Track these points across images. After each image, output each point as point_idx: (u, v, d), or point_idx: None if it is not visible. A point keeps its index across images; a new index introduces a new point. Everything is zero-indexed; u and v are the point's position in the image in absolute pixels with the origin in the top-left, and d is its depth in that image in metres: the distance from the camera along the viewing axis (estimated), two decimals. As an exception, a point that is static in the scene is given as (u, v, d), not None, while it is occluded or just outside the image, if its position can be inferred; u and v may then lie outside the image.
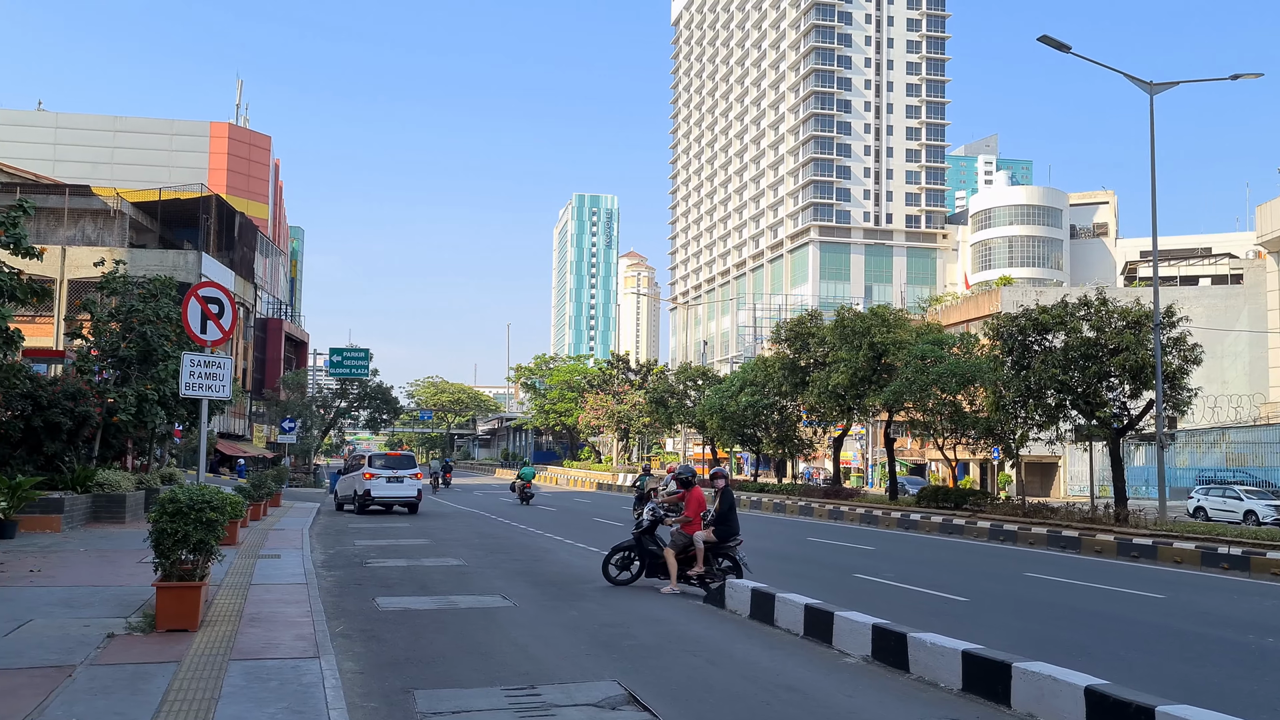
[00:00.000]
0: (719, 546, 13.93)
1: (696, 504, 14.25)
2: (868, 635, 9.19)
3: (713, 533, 13.99)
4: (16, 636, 8.82)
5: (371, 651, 9.39)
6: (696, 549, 13.90)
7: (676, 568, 13.83)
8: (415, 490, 31.37)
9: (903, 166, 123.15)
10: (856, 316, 37.53)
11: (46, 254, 44.27)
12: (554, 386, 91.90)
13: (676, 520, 14.24)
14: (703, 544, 13.87)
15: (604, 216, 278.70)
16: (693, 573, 13.88)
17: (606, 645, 9.89)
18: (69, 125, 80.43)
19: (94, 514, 21.04)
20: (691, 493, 14.42)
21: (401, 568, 16.24)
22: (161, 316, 24.26)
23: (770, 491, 45.30)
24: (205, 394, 12.70)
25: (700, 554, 13.90)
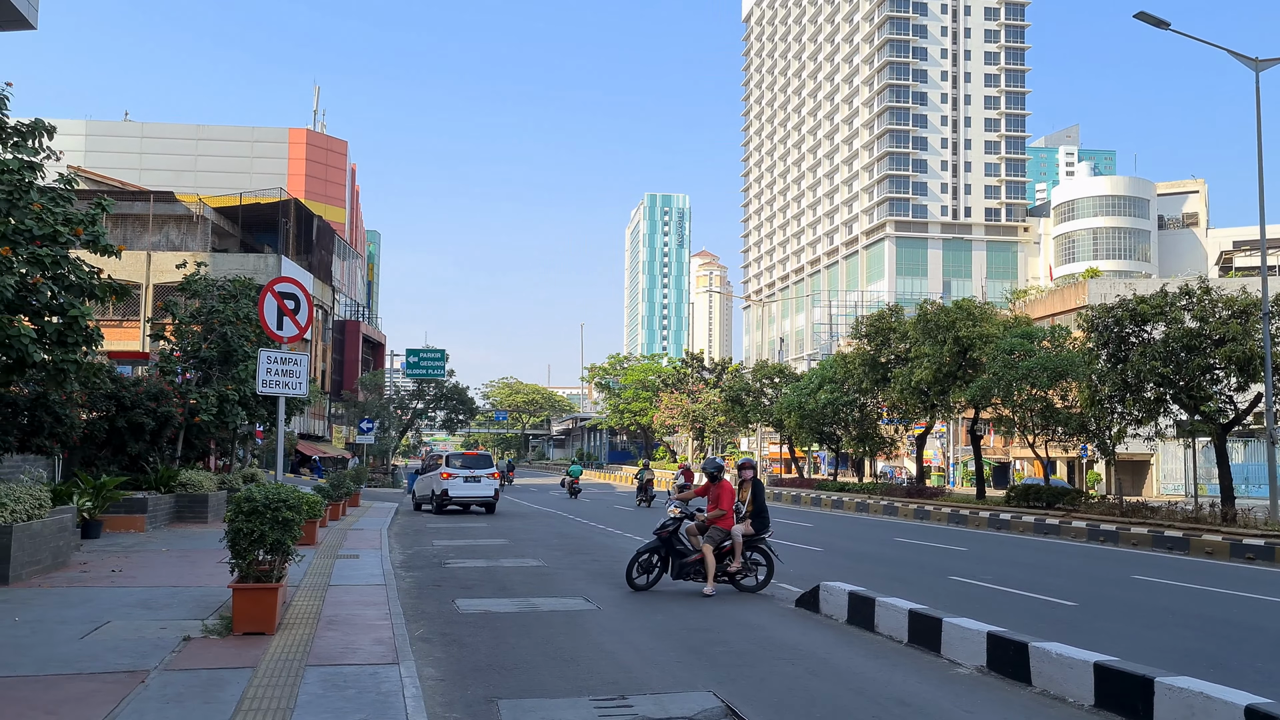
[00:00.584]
0: (751, 540, 13.50)
1: (729, 497, 13.52)
2: (981, 644, 8.50)
3: (750, 525, 13.54)
4: (93, 639, 8.59)
5: (452, 657, 8.98)
6: (735, 544, 13.34)
7: (715, 566, 13.18)
8: (492, 490, 31.20)
9: (981, 159, 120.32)
10: (940, 310, 36.40)
11: (133, 259, 45.29)
12: (628, 386, 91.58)
13: (710, 516, 13.39)
14: (741, 538, 13.36)
15: (675, 216, 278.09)
16: (732, 569, 13.34)
17: (697, 652, 9.34)
18: (154, 134, 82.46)
19: (177, 514, 21.15)
20: (721, 486, 13.58)
21: (480, 568, 15.90)
22: (241, 317, 24.38)
23: (851, 491, 44.31)
24: (282, 391, 12.47)
25: (739, 549, 13.37)
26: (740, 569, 13.39)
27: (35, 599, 10.69)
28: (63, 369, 12.81)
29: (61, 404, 15.28)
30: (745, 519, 13.58)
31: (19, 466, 17.66)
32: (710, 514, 13.36)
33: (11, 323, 11.56)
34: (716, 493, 13.53)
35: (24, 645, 8.26)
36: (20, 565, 11.88)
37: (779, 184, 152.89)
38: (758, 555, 13.59)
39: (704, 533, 13.36)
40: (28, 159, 12.66)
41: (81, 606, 10.24)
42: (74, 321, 12.52)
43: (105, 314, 46.20)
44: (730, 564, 13.32)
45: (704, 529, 13.38)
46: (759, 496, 13.89)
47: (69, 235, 12.41)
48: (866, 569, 17.05)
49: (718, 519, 13.28)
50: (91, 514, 17.03)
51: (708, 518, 13.35)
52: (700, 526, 13.41)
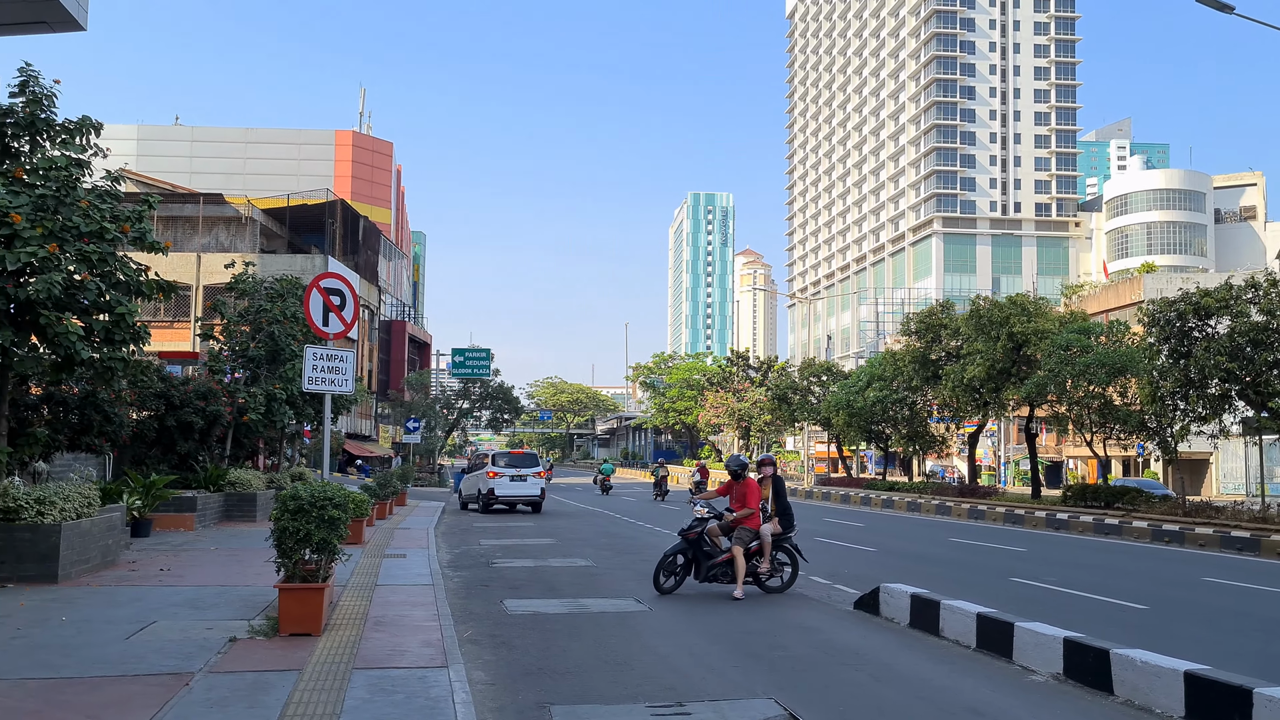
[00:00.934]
0: (777, 539, 13.12)
1: (756, 495, 12.98)
2: (1057, 650, 8.05)
3: (778, 524, 13.15)
4: (139, 639, 8.44)
5: (502, 660, 8.71)
6: (764, 543, 12.89)
7: (745, 567, 12.68)
8: (538, 489, 31.01)
9: (1031, 153, 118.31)
10: (994, 305, 35.62)
11: (183, 261, 45.76)
12: (673, 385, 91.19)
13: (738, 515, 12.80)
14: (770, 538, 12.94)
15: (719, 214, 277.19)
16: (762, 569, 12.91)
17: (755, 656, 8.99)
18: (204, 138, 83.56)
19: (226, 513, 21.18)
20: (746, 484, 13.05)
21: (528, 568, 15.65)
22: (288, 316, 24.40)
23: (901, 490, 43.60)
24: (328, 388, 12.30)
25: (768, 549, 12.94)
26: (769, 570, 12.99)
27: (83, 598, 10.60)
28: (110, 367, 12.74)
29: (110, 402, 15.28)
30: (771, 518, 13.17)
31: (70, 465, 17.74)
32: (739, 513, 12.83)
33: (59, 320, 11.49)
34: (742, 491, 13.02)
35: (70, 646, 8.12)
36: (69, 564, 11.82)
37: (824, 181, 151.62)
38: (782, 555, 13.22)
39: (729, 533, 12.86)
40: (75, 156, 12.62)
41: (128, 606, 10.12)
42: (121, 319, 12.44)
43: (156, 315, 46.80)
44: (759, 564, 12.89)
45: (729, 529, 12.87)
46: (782, 494, 13.51)
47: (116, 232, 12.33)
48: (923, 570, 16.57)
49: (745, 518, 12.80)
50: (141, 513, 17.03)
51: (736, 517, 12.82)
52: (725, 527, 12.87)
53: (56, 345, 11.84)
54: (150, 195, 13.45)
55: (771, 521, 13.12)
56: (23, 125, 12.31)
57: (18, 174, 11.89)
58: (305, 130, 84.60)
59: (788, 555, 13.25)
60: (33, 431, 13.48)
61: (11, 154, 12.43)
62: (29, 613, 9.59)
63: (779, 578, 13.18)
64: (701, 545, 12.80)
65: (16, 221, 11.25)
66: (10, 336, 11.70)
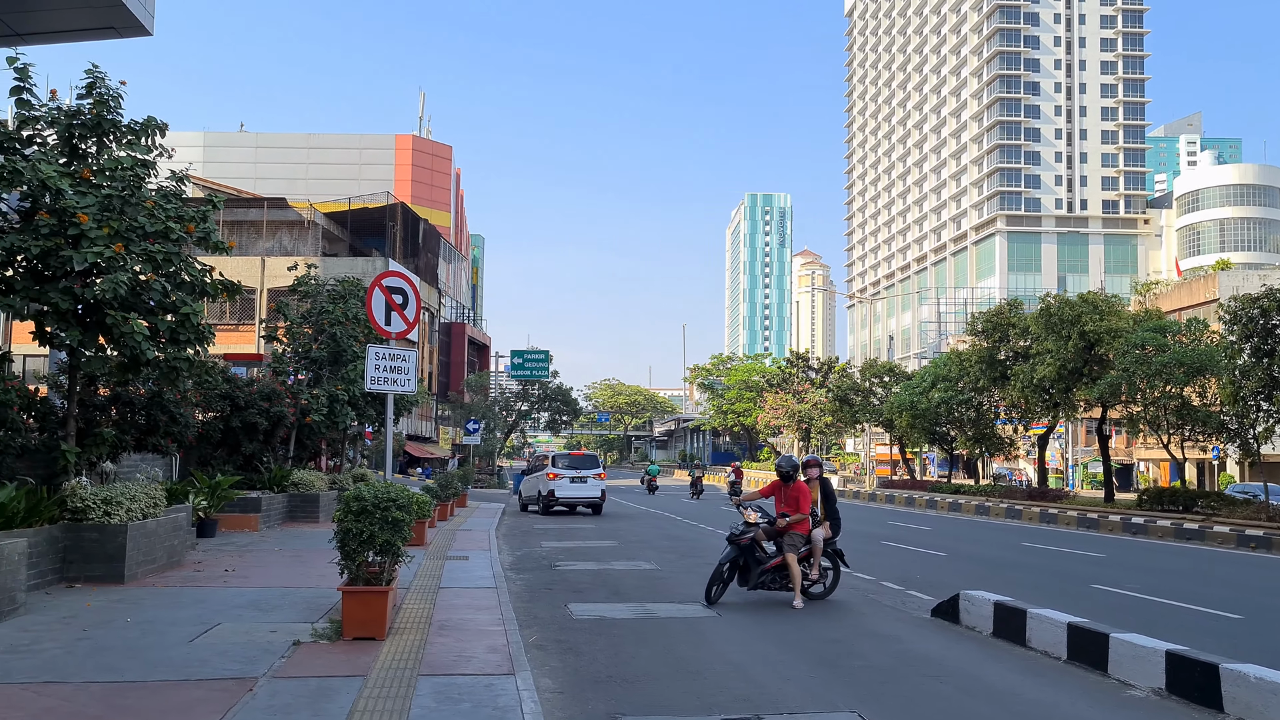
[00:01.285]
0: (824, 544, 12.52)
1: (808, 499, 12.27)
2: (1159, 663, 7.56)
3: (828, 528, 12.60)
4: (203, 642, 8.31)
5: (569, 667, 8.43)
6: (815, 549, 12.29)
7: (800, 575, 12.05)
8: (599, 490, 30.79)
9: (1098, 149, 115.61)
10: (1064, 304, 34.63)
11: (248, 265, 46.40)
12: (732, 386, 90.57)
13: (792, 520, 12.06)
14: (821, 543, 12.37)
15: (777, 215, 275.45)
16: (811, 575, 12.35)
17: (832, 665, 8.61)
18: (268, 144, 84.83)
19: (289, 513, 21.25)
20: (797, 487, 12.27)
21: (592, 571, 15.39)
22: (350, 317, 24.48)
23: (967, 493, 42.66)
24: (390, 388, 12.13)
25: (818, 555, 12.37)
26: (816, 576, 12.44)
27: (148, 599, 10.55)
28: (175, 367, 12.73)
29: (176, 403, 15.31)
30: (821, 522, 12.60)
31: (136, 466, 17.87)
32: (793, 517, 12.10)
33: (125, 320, 11.47)
34: (793, 495, 12.24)
35: (134, 648, 8.01)
36: (135, 564, 11.80)
37: (883, 180, 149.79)
38: (825, 560, 12.65)
39: (774, 538, 12.20)
40: (141, 157, 12.61)
41: (193, 607, 10.03)
42: (186, 319, 12.40)
43: (222, 318, 47.53)
44: (809, 571, 12.32)
45: (776, 534, 12.18)
46: (831, 497, 12.98)
47: (181, 232, 12.30)
48: (998, 576, 16.00)
49: (797, 523, 12.12)
50: (207, 513, 17.11)
51: (790, 521, 12.08)
52: (771, 531, 12.20)
53: (122, 345, 11.83)
54: (215, 195, 13.43)
55: (822, 526, 12.57)
56: (89, 126, 12.33)
57: (85, 175, 11.90)
58: (366, 135, 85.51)
59: (830, 560, 12.70)
60: (100, 432, 13.51)
61: (79, 155, 12.45)
62: (95, 613, 9.54)
63: (821, 584, 12.62)
64: (754, 552, 12.13)
65: (84, 222, 11.25)
66: (78, 336, 11.72)
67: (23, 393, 12.61)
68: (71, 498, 11.52)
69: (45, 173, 11.30)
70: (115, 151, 12.59)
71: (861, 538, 23.78)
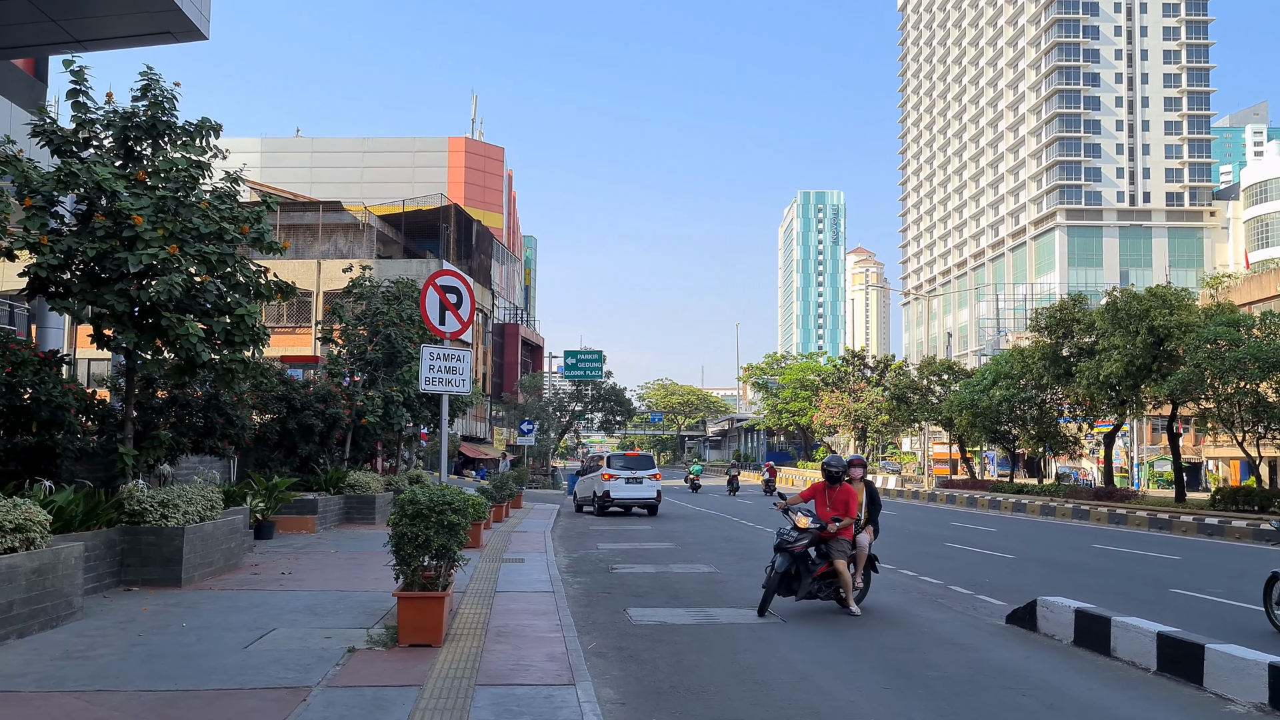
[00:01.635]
0: None
1: (855, 502, 11.50)
2: (1261, 677, 7.07)
3: (872, 532, 12.03)
4: (257, 648, 8.14)
5: (630, 676, 8.13)
6: (860, 555, 11.64)
7: (851, 583, 11.36)
8: (654, 491, 30.48)
9: (1161, 140, 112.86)
10: (1132, 298, 33.62)
11: (304, 268, 46.80)
12: (786, 385, 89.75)
13: (842, 524, 11.23)
14: (867, 548, 11.80)
15: (830, 213, 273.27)
16: (856, 582, 11.66)
17: (906, 676, 8.21)
18: (323, 149, 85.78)
19: (346, 515, 21.23)
20: (846, 490, 11.52)
21: (650, 574, 15.09)
22: (405, 318, 24.45)
23: (1030, 493, 41.67)
24: (445, 389, 11.93)
25: (863, 561, 11.74)
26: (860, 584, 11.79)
27: (204, 602, 10.45)
28: (230, 369, 12.66)
29: (232, 405, 15.30)
30: (864, 526, 11.93)
31: (194, 468, 17.93)
32: (843, 522, 11.27)
33: (180, 322, 11.40)
34: (841, 498, 11.45)
35: (189, 654, 7.87)
36: (192, 567, 11.74)
37: (939, 175, 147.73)
38: None
39: (816, 544, 11.30)
40: (195, 158, 12.57)
41: (249, 611, 9.91)
42: (241, 320, 12.32)
43: (279, 320, 48.01)
44: (855, 577, 11.58)
45: (819, 540, 11.30)
46: (876, 501, 12.31)
47: (235, 233, 12.23)
48: (1071, 580, 15.42)
49: (845, 528, 11.30)
50: (264, 515, 17.10)
51: (840, 526, 11.22)
52: (815, 537, 11.29)
53: (178, 348, 11.78)
54: (270, 197, 13.36)
55: (866, 530, 11.92)
56: (144, 128, 12.30)
57: (140, 177, 11.87)
58: (419, 138, 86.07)
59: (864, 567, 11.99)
60: (157, 434, 13.51)
61: (134, 157, 12.44)
62: (151, 618, 9.44)
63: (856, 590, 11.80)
64: (806, 559, 11.29)
65: (138, 224, 11.20)
66: (133, 339, 11.68)
67: (80, 395, 12.62)
68: (129, 500, 11.48)
69: (100, 175, 11.28)
70: (170, 153, 12.55)
71: (924, 539, 23.23)
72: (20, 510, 8.56)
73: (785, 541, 11.27)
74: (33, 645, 8.06)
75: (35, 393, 11.60)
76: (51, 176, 11.43)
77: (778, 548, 11.32)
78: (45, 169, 11.70)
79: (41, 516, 8.81)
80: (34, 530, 8.66)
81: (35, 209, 11.39)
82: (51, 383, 11.76)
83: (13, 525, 8.43)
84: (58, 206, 11.88)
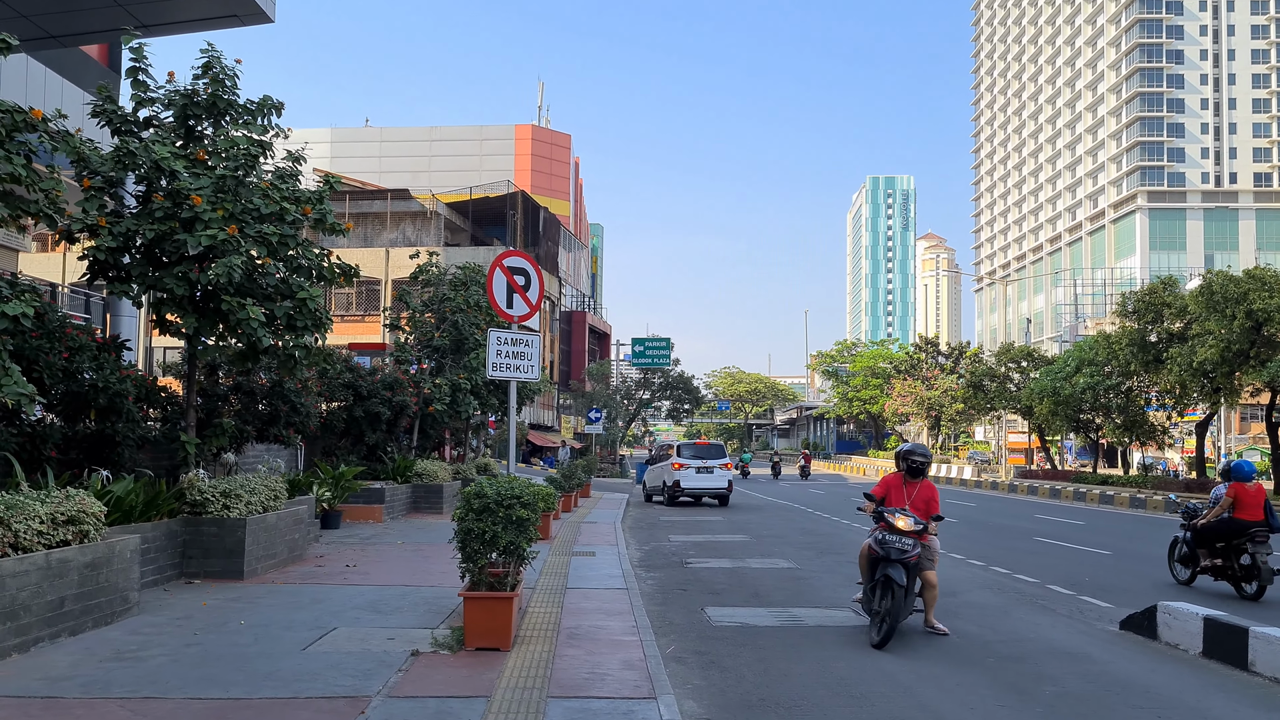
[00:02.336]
0: None
1: (937, 500, 9.76)
2: None
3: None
4: (316, 650, 7.64)
5: (714, 685, 7.47)
6: (934, 560, 9.77)
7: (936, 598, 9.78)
8: (725, 481, 29.75)
9: (1248, 118, 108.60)
10: (1228, 280, 31.91)
11: (373, 256, 46.89)
12: (858, 373, 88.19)
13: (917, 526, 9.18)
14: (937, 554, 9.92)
15: (899, 198, 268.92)
16: None
17: (1020, 692, 7.42)
18: (392, 138, 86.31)
19: (413, 504, 20.90)
20: (927, 485, 9.68)
21: (726, 570, 14.41)
22: (472, 304, 24.05)
23: (1116, 484, 40.04)
24: (513, 375, 11.33)
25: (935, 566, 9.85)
26: None
27: (265, 597, 10.03)
28: (292, 355, 12.23)
29: (297, 392, 14.96)
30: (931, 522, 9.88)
31: (260, 457, 17.68)
32: (930, 525, 9.49)
33: (241, 306, 10.98)
34: (924, 494, 9.53)
35: (244, 656, 7.40)
36: (255, 559, 11.35)
37: (1013, 158, 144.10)
38: None
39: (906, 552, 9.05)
40: (257, 137, 12.14)
41: (310, 608, 9.45)
42: (303, 304, 11.88)
43: (349, 309, 48.21)
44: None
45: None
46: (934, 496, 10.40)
47: (296, 214, 11.79)
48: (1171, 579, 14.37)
49: (922, 533, 9.28)
50: (331, 504, 16.78)
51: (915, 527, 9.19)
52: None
53: (239, 333, 11.38)
54: (333, 177, 12.91)
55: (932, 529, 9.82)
56: (205, 107, 11.91)
57: (200, 156, 11.47)
58: (486, 126, 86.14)
59: None
60: (220, 422, 13.18)
61: (195, 136, 12.06)
62: (209, 614, 9.03)
63: None
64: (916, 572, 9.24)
65: (197, 204, 10.80)
66: (193, 323, 11.31)
67: (139, 382, 12.29)
68: (190, 490, 11.11)
69: (159, 154, 10.89)
70: (231, 132, 12.14)
71: (1010, 533, 22.23)
72: (73, 502, 8.18)
73: (897, 551, 8.95)
74: (84, 644, 7.67)
75: (93, 379, 11.28)
76: (110, 156, 11.09)
77: (884, 559, 8.99)
78: (106, 151, 11.37)
79: (96, 508, 8.42)
80: (88, 522, 8.27)
81: (94, 190, 11.06)
82: (110, 368, 11.43)
83: (65, 517, 8.04)
84: (117, 188, 11.56)
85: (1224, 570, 12.90)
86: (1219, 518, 12.87)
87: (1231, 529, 12.67)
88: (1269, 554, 12.43)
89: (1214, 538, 12.94)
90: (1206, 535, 13.05)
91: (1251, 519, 12.59)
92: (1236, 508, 12.74)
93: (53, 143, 9.98)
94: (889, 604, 8.82)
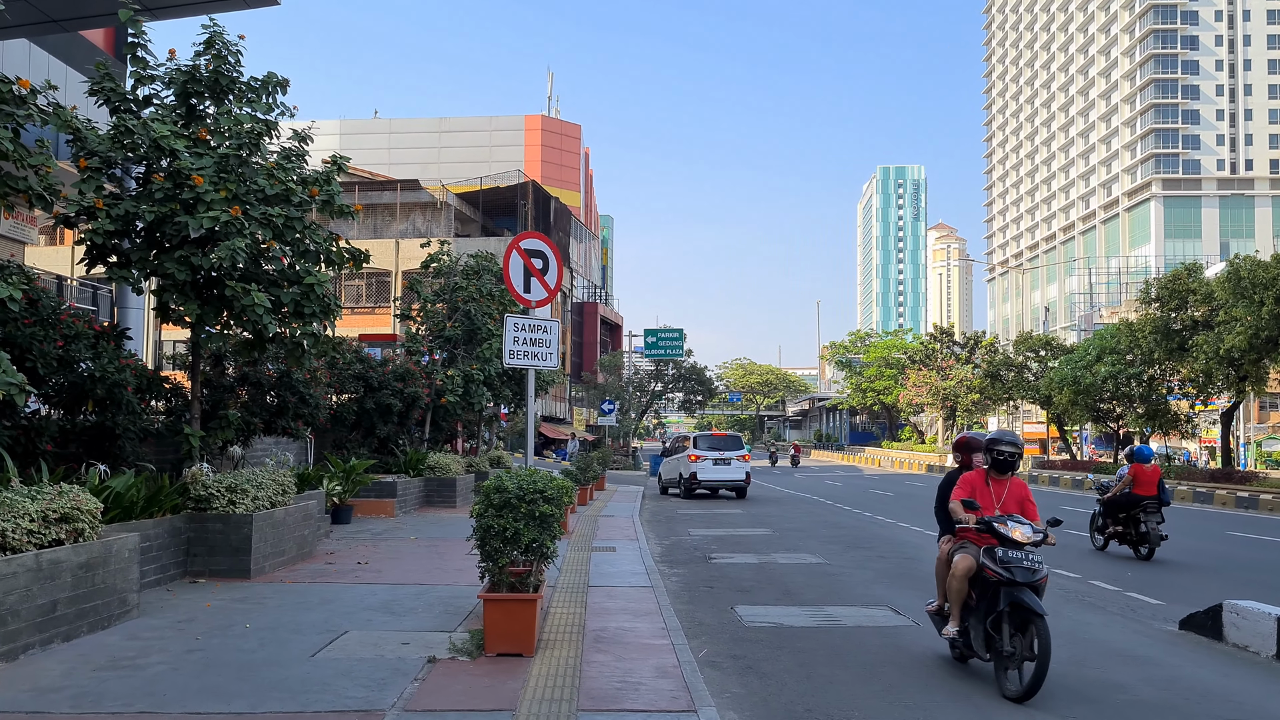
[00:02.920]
0: None
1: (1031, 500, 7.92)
2: None
3: None
4: (325, 657, 7.11)
5: (754, 694, 6.92)
6: None
7: None
8: (743, 473, 29.17)
9: (1265, 105, 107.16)
10: (1257, 265, 31.19)
11: (383, 248, 46.35)
12: (871, 363, 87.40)
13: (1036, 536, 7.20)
14: None
15: (910, 188, 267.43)
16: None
17: (1088, 700, 6.85)
18: (401, 130, 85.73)
19: (425, 498, 20.39)
20: (1019, 483, 7.85)
21: (752, 565, 13.85)
22: (484, 294, 23.51)
23: (1138, 475, 39.34)
24: (530, 363, 10.77)
25: None
26: None
27: (273, 597, 9.50)
28: (299, 343, 11.69)
29: (305, 383, 14.42)
30: None
31: (268, 450, 17.16)
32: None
33: (245, 292, 10.44)
34: (1018, 494, 7.67)
35: (249, 663, 6.87)
36: (262, 557, 10.83)
37: (1025, 147, 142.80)
38: None
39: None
40: (261, 116, 11.60)
41: (320, 609, 8.92)
42: (310, 290, 11.32)
43: (359, 300, 47.71)
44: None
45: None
46: None
47: (303, 195, 11.25)
48: (1227, 575, 13.78)
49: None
50: (342, 499, 16.28)
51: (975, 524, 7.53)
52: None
53: (244, 320, 10.85)
54: (340, 157, 12.32)
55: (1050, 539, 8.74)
56: (206, 84, 11.38)
57: (202, 135, 10.92)
58: (496, 117, 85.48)
59: None
60: (226, 414, 12.66)
61: (196, 115, 11.52)
62: (213, 616, 8.50)
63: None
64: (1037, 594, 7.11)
65: (199, 184, 10.27)
66: (196, 310, 10.78)
67: (138, 371, 11.75)
68: (193, 485, 10.59)
69: (159, 132, 10.36)
70: (234, 110, 11.60)
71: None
72: (67, 498, 7.65)
73: (1025, 572, 6.96)
74: (79, 650, 7.15)
75: (91, 369, 10.75)
76: (107, 136, 10.56)
77: (1007, 582, 6.95)
78: (104, 130, 10.85)
79: (91, 505, 7.90)
80: (83, 520, 7.74)
81: (90, 170, 10.54)
82: (108, 357, 10.90)
83: (58, 515, 7.51)
84: (115, 169, 11.02)
85: (1125, 536, 15.42)
86: (1121, 493, 15.42)
87: (1130, 502, 15.24)
88: (1160, 523, 14.98)
89: (1117, 509, 15.55)
90: (1111, 507, 15.67)
91: (1145, 494, 15.12)
92: (1135, 484, 15.23)
93: (43, 117, 9.45)
94: (1032, 642, 6.75)
